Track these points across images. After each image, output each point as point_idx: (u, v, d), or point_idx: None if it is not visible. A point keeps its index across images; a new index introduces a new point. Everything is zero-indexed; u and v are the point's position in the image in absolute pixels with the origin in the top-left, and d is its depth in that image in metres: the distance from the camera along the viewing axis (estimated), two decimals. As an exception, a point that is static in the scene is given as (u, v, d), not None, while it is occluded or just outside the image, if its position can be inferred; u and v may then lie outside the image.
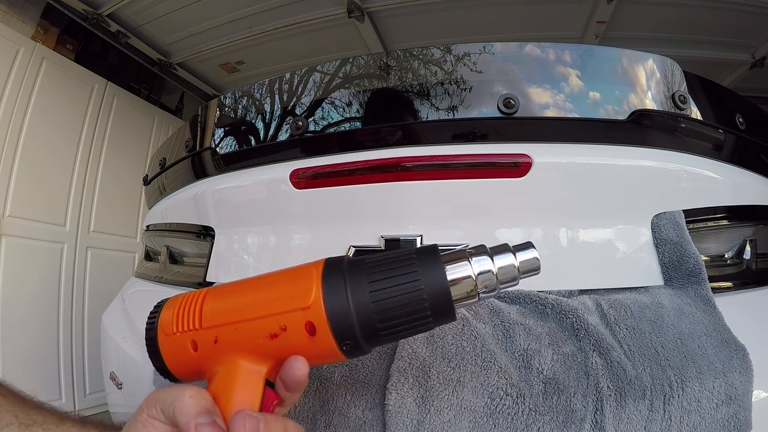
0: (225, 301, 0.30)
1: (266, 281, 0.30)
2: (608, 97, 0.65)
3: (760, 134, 0.75)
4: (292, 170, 0.72)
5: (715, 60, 2.45)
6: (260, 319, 0.28)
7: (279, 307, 0.28)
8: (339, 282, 0.27)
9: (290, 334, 0.27)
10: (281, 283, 0.29)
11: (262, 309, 0.28)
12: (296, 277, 0.29)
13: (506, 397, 0.49)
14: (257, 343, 0.28)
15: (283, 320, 0.28)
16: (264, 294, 0.29)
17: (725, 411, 0.49)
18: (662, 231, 0.64)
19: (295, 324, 0.27)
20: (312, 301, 0.27)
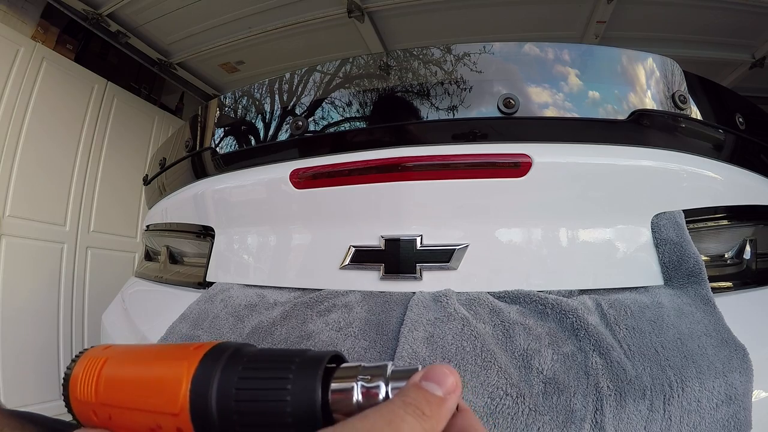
0: (116, 378, 0.30)
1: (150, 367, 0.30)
2: (608, 97, 0.65)
3: (760, 134, 0.75)
4: (292, 170, 0.72)
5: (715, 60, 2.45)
6: (140, 412, 0.28)
7: (151, 406, 0.28)
8: (205, 390, 0.26)
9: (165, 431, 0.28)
10: (156, 376, 0.29)
11: (141, 402, 0.28)
12: (168, 374, 0.28)
13: (506, 397, 0.49)
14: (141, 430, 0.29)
15: (157, 419, 0.28)
16: (143, 384, 0.29)
17: (725, 411, 0.49)
18: (662, 231, 0.64)
19: (167, 425, 0.27)
20: (179, 408, 0.27)
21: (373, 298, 0.63)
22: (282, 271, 0.75)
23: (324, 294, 0.66)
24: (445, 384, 0.20)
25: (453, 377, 0.20)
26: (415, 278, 0.64)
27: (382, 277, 0.65)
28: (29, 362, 2.14)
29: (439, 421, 0.19)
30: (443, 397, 0.19)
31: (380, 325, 0.58)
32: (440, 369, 0.20)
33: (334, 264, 0.69)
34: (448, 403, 0.19)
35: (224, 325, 0.66)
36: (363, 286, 0.66)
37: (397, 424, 0.18)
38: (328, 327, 0.60)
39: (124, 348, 0.33)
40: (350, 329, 0.58)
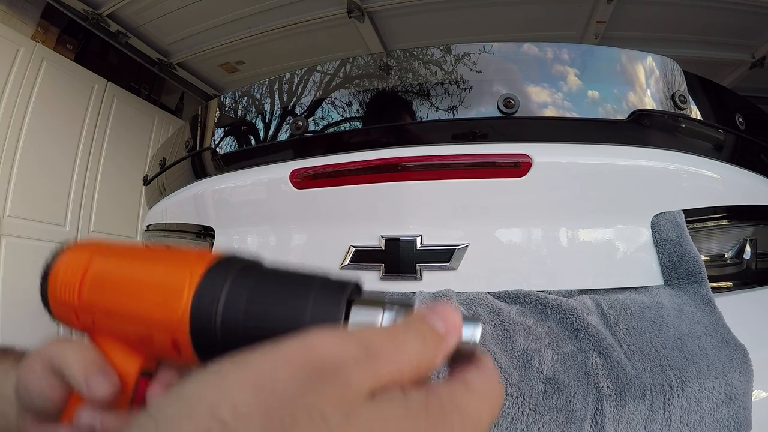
0: (104, 279, 0.27)
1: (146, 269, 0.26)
2: (608, 97, 0.65)
3: (760, 134, 0.75)
4: (292, 170, 0.72)
5: (715, 60, 2.45)
6: (130, 319, 0.26)
7: (145, 315, 0.25)
8: (211, 303, 0.23)
9: (157, 343, 0.25)
10: (154, 280, 0.25)
11: (133, 308, 0.25)
12: (168, 279, 0.25)
13: (506, 397, 0.49)
14: (131, 340, 0.27)
15: (150, 330, 0.25)
16: (137, 288, 0.26)
17: (725, 411, 0.49)
18: (662, 231, 0.64)
19: (161, 337, 0.25)
20: (177, 320, 0.24)
21: (373, 298, 0.63)
22: (282, 271, 0.75)
23: (324, 294, 0.66)
24: (447, 321, 0.20)
25: (455, 317, 0.21)
26: (415, 278, 0.64)
27: (382, 277, 0.65)
28: (29, 362, 2.14)
29: (436, 353, 0.19)
30: (443, 333, 0.20)
31: (380, 325, 0.58)
32: (445, 307, 0.21)
33: (334, 264, 0.69)
34: (447, 340, 0.20)
35: (224, 325, 0.66)
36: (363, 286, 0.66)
37: (401, 341, 0.18)
38: (328, 327, 0.59)
39: (115, 246, 0.29)
40: (350, 329, 0.58)
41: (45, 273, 0.30)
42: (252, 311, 0.23)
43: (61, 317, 0.30)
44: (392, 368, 0.17)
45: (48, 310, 0.30)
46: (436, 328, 0.20)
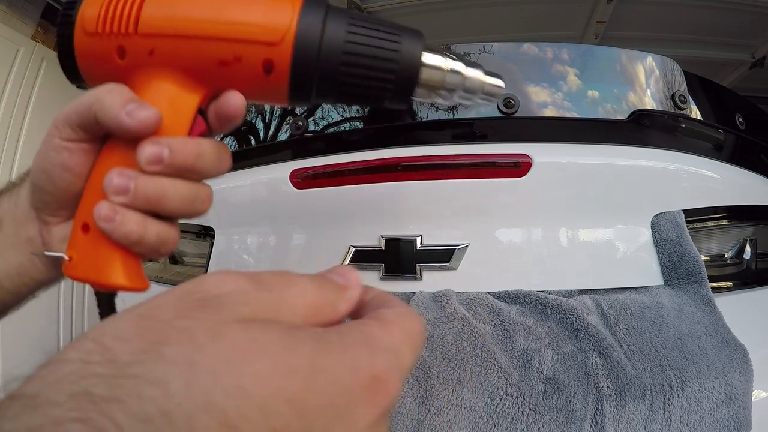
0: (175, 8, 0.24)
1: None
2: (608, 97, 0.66)
3: (760, 134, 0.75)
4: (292, 170, 0.72)
5: (715, 60, 2.45)
6: (214, 41, 0.24)
7: (241, 33, 0.24)
8: (317, 26, 0.24)
9: (242, 67, 0.24)
10: (251, 4, 0.24)
11: (221, 29, 0.24)
12: (270, 4, 0.24)
13: (506, 397, 0.49)
14: (201, 67, 0.24)
15: (241, 50, 0.24)
16: (227, 11, 0.24)
17: (725, 411, 0.50)
18: (662, 231, 0.64)
19: (252, 57, 0.24)
20: (282, 38, 0.23)
21: (373, 298, 0.63)
22: (282, 271, 0.75)
23: (324, 294, 0.66)
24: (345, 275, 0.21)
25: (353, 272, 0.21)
26: (415, 278, 0.64)
27: (382, 277, 0.65)
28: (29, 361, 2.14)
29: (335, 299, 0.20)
30: (341, 282, 0.20)
31: (380, 325, 0.58)
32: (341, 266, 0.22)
33: (334, 264, 0.69)
34: (348, 289, 0.20)
35: (224, 325, 0.66)
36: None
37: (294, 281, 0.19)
38: (328, 327, 0.59)
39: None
40: (350, 329, 0.58)
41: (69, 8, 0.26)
42: (352, 42, 0.24)
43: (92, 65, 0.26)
44: (279, 301, 0.17)
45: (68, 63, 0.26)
46: (334, 280, 0.20)
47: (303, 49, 0.24)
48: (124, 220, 0.24)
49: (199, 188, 0.26)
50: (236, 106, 0.25)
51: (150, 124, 0.24)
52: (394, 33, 0.25)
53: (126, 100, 0.24)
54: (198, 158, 0.25)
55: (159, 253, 0.26)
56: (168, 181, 0.24)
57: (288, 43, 0.23)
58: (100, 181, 0.24)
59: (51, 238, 0.29)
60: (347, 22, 0.24)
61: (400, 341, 0.18)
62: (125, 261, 0.25)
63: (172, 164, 0.24)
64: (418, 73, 0.26)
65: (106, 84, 0.25)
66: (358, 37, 0.24)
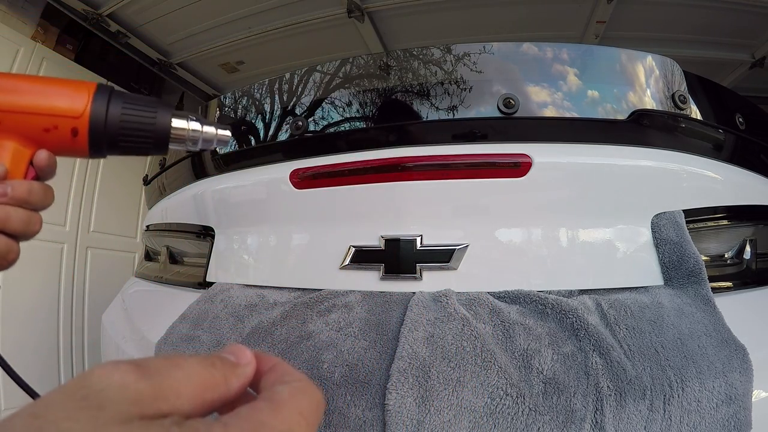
0: (14, 91, 0.36)
1: (50, 83, 0.37)
2: (608, 97, 0.65)
3: (760, 134, 0.75)
4: (292, 170, 0.72)
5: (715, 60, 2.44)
6: (41, 116, 0.36)
7: (57, 110, 0.37)
8: (103, 105, 0.37)
9: (59, 132, 0.37)
10: (63, 89, 0.37)
11: (45, 108, 0.36)
12: (75, 89, 0.37)
13: (506, 397, 0.49)
14: (31, 132, 0.37)
15: (57, 121, 0.37)
16: (48, 95, 0.37)
17: (725, 411, 0.49)
18: (662, 231, 0.64)
19: (64, 125, 0.37)
20: (82, 113, 0.37)
21: (373, 298, 0.63)
22: (282, 272, 0.75)
23: (324, 294, 0.66)
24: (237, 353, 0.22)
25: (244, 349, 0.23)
26: (415, 278, 0.64)
27: (382, 277, 0.65)
28: (29, 362, 2.14)
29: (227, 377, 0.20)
30: (233, 360, 0.22)
31: (380, 325, 0.58)
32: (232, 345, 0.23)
33: (334, 264, 0.69)
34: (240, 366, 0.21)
35: (224, 326, 0.66)
36: (363, 286, 0.66)
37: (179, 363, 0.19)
38: (328, 327, 0.60)
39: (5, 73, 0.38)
40: (350, 329, 0.58)
41: None
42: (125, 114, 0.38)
43: None
44: (162, 388, 0.17)
45: None
46: (226, 358, 0.21)
47: (95, 121, 0.37)
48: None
49: (33, 215, 0.38)
50: (43, 158, 0.38)
51: (0, 177, 0.36)
52: (152, 108, 0.39)
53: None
54: (30, 194, 0.37)
55: (6, 260, 0.38)
56: (12, 209, 0.36)
57: (85, 117, 0.37)
58: None
59: None
60: (122, 104, 0.38)
61: (294, 422, 0.19)
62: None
63: (13, 197, 0.36)
64: (168, 134, 0.40)
65: None
66: (128, 112, 0.38)
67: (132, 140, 0.39)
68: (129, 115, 0.38)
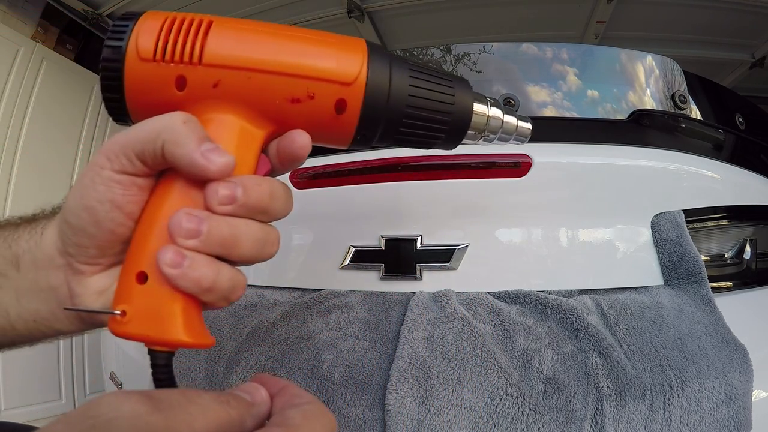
0: (246, 39, 0.24)
1: (302, 34, 0.25)
2: (608, 97, 0.66)
3: (760, 134, 0.75)
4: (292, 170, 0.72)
5: (715, 60, 2.44)
6: (289, 77, 0.23)
7: (318, 71, 0.24)
8: (385, 71, 0.25)
9: (315, 105, 0.24)
10: (325, 45, 0.25)
11: (297, 67, 0.23)
12: (343, 46, 0.25)
13: (506, 397, 0.49)
14: (271, 103, 0.24)
15: (315, 87, 0.24)
16: (302, 48, 0.24)
17: (725, 411, 0.49)
18: (662, 231, 0.64)
19: (325, 96, 0.24)
20: (356, 79, 0.24)
21: (373, 298, 0.63)
22: (282, 272, 0.75)
23: (324, 294, 0.66)
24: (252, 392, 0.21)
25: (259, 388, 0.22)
26: (415, 278, 0.64)
27: (382, 277, 0.65)
28: (29, 362, 2.14)
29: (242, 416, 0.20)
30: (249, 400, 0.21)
31: (380, 325, 0.58)
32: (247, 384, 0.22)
33: (334, 264, 0.69)
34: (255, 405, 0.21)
35: (224, 325, 0.66)
36: (363, 286, 0.66)
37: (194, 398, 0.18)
38: (328, 327, 0.60)
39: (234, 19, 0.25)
40: (350, 329, 0.58)
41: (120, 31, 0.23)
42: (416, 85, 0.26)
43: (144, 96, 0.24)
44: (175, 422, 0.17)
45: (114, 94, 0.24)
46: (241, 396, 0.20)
47: (374, 92, 0.25)
48: (194, 265, 0.21)
49: (269, 230, 0.24)
50: (302, 144, 0.25)
51: (226, 172, 0.22)
52: (449, 84, 0.27)
53: (202, 137, 0.22)
54: (272, 198, 0.23)
55: (228, 300, 0.24)
56: (242, 223, 0.22)
57: (360, 85, 0.24)
58: (158, 223, 0.22)
59: (83, 290, 0.25)
60: (409, 72, 0.26)
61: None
62: (188, 314, 0.22)
63: (246, 204, 0.22)
64: (470, 121, 0.29)
65: (177, 113, 0.22)
66: (420, 85, 0.26)
67: (421, 125, 0.27)
68: (421, 89, 0.26)
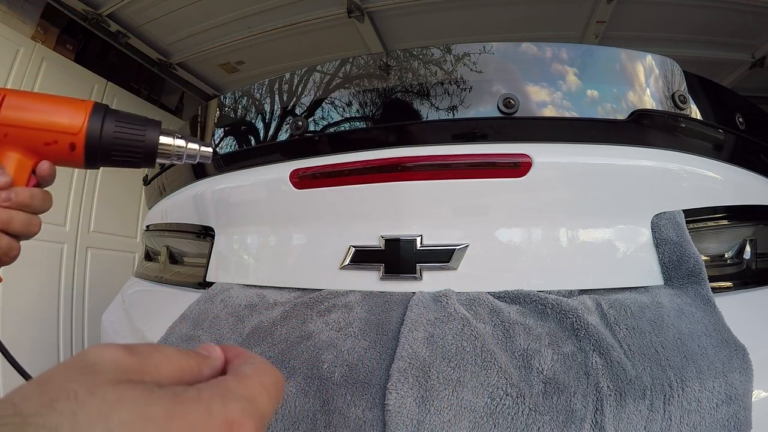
0: (21, 108, 0.41)
1: (54, 101, 0.42)
2: (608, 97, 0.65)
3: (760, 134, 0.75)
4: (292, 170, 0.72)
5: (715, 60, 2.45)
6: (43, 131, 0.41)
7: (58, 127, 0.41)
8: (98, 122, 0.42)
9: (58, 146, 0.41)
10: (64, 108, 0.42)
11: (47, 124, 0.41)
12: (74, 108, 0.42)
13: (506, 397, 0.49)
14: (34, 145, 0.41)
15: (57, 136, 0.41)
16: (50, 113, 0.41)
17: (725, 411, 0.49)
18: (662, 231, 0.64)
19: (63, 140, 0.41)
20: (80, 130, 0.41)
21: (373, 298, 0.63)
22: (282, 272, 0.75)
23: (324, 294, 0.66)
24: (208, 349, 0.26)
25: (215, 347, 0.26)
26: (415, 278, 0.64)
27: (382, 277, 0.65)
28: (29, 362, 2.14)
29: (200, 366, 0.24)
30: (205, 353, 0.25)
31: (380, 325, 0.58)
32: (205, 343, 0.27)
33: (334, 264, 0.69)
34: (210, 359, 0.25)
35: (224, 326, 0.66)
36: (363, 286, 0.66)
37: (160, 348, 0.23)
38: (328, 327, 0.60)
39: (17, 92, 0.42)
40: (350, 329, 0.58)
41: None
42: (118, 131, 0.43)
43: None
44: (145, 363, 0.21)
45: None
46: (199, 351, 0.26)
47: (91, 136, 0.42)
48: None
49: (33, 218, 0.43)
50: (45, 168, 0.43)
51: (7, 185, 0.40)
52: (142, 126, 0.44)
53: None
54: (31, 198, 0.42)
55: (8, 257, 0.42)
56: (14, 212, 0.41)
57: (83, 132, 0.42)
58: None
59: None
60: (115, 122, 0.43)
61: (257, 391, 0.23)
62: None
63: (16, 202, 0.41)
64: (156, 149, 0.45)
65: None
66: (121, 129, 0.43)
67: (123, 154, 0.44)
68: (121, 132, 0.43)
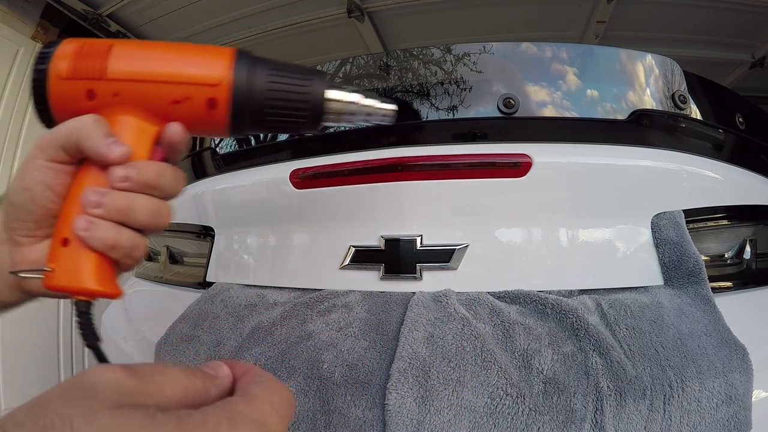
0: (135, 57, 0.31)
1: (181, 49, 0.32)
2: (608, 97, 0.66)
3: (760, 134, 0.75)
4: (292, 170, 0.72)
5: (715, 60, 2.44)
6: (169, 84, 0.31)
7: (190, 78, 0.31)
8: (245, 73, 0.32)
9: (191, 104, 0.31)
10: (196, 55, 0.32)
11: (174, 75, 0.31)
12: (211, 54, 0.32)
13: (506, 397, 0.49)
14: (157, 105, 0.31)
15: (189, 91, 0.31)
16: (178, 61, 0.31)
17: (725, 411, 0.50)
18: (662, 231, 0.64)
19: (198, 96, 0.31)
20: (221, 81, 0.31)
21: (373, 298, 0.63)
22: (282, 271, 0.75)
23: (324, 294, 0.66)
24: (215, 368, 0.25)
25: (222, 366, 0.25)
26: (415, 278, 0.64)
27: (382, 277, 0.65)
28: (29, 362, 2.14)
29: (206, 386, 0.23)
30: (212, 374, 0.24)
31: (380, 325, 0.58)
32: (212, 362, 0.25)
33: (334, 264, 0.69)
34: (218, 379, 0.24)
35: (224, 326, 0.66)
36: (363, 286, 0.66)
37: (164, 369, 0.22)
38: (328, 327, 0.60)
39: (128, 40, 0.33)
40: (350, 329, 0.59)
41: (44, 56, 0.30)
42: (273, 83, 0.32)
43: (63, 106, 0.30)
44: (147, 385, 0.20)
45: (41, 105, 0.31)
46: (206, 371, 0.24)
47: (237, 89, 0.31)
48: (100, 228, 0.28)
49: (162, 204, 0.31)
50: (174, 132, 0.32)
51: (124, 158, 0.29)
52: (304, 77, 0.34)
53: (107, 133, 0.29)
54: (159, 177, 0.30)
55: (132, 258, 0.31)
56: (137, 196, 0.30)
57: (225, 84, 0.31)
58: (76, 199, 0.29)
59: (22, 259, 0.32)
60: (268, 71, 0.33)
61: (267, 413, 0.21)
62: (100, 269, 0.30)
63: (139, 181, 0.29)
64: (323, 107, 0.34)
65: (89, 115, 0.29)
66: (277, 80, 0.33)
67: (281, 113, 0.33)
68: (277, 84, 0.33)
